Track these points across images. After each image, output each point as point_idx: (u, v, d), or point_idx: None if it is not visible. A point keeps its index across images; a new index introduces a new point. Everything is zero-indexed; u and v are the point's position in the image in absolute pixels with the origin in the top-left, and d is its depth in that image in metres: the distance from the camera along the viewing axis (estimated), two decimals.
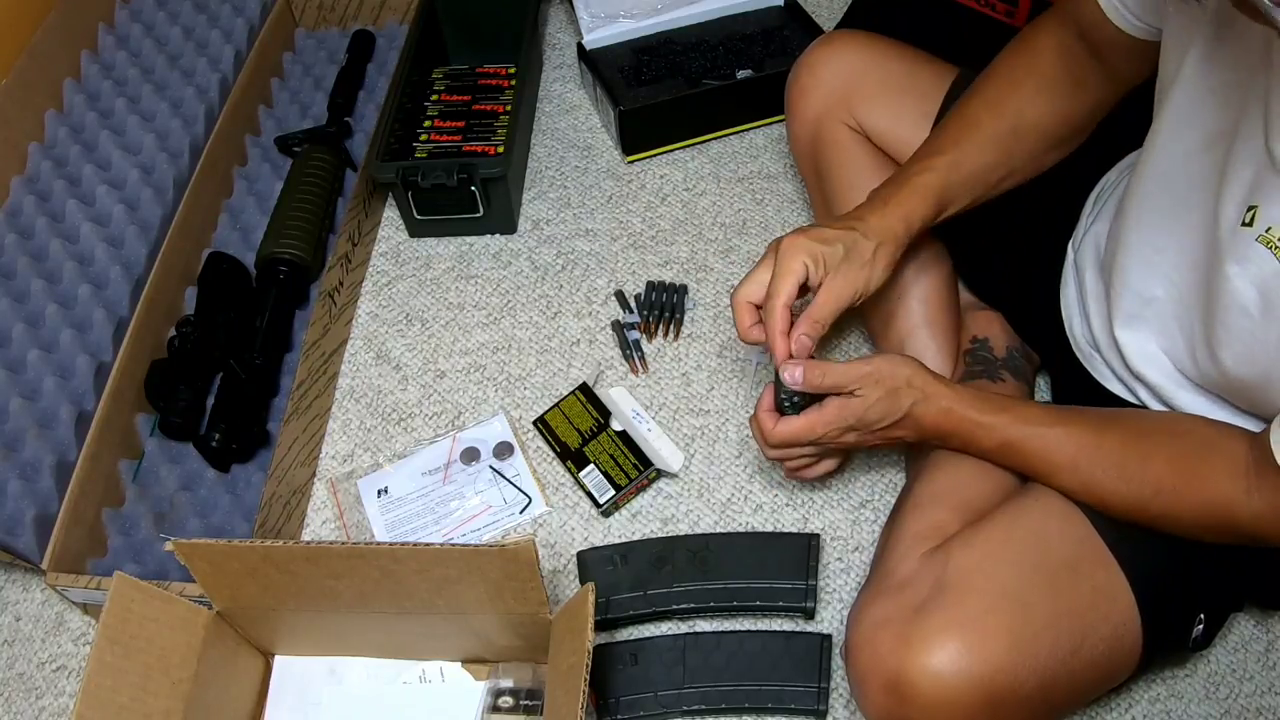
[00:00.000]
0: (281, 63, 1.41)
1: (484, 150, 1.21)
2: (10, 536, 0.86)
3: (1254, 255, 0.61)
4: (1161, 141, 0.70)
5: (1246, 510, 0.65)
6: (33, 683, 0.93)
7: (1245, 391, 0.68)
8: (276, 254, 1.14)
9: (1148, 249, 0.73)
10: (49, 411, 0.94)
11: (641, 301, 1.14)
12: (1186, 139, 0.68)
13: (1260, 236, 0.60)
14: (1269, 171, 0.60)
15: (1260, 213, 0.61)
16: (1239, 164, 0.63)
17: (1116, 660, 0.71)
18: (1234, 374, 0.67)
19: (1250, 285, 0.62)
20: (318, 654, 0.88)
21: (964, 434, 0.77)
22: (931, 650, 0.66)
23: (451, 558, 0.71)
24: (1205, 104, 0.66)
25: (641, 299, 1.14)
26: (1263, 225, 0.61)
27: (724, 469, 1.02)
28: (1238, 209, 0.63)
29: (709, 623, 0.92)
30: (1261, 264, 0.61)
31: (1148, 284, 0.73)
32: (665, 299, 1.13)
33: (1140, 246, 0.73)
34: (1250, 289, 0.62)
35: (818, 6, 1.45)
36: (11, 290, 1.00)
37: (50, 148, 1.11)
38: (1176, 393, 0.74)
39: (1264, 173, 0.61)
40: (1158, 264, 0.72)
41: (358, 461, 1.05)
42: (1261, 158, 0.61)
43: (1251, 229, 0.61)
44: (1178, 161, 0.69)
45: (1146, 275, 0.73)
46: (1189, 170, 0.68)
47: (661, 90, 1.28)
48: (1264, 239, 0.60)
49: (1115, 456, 0.70)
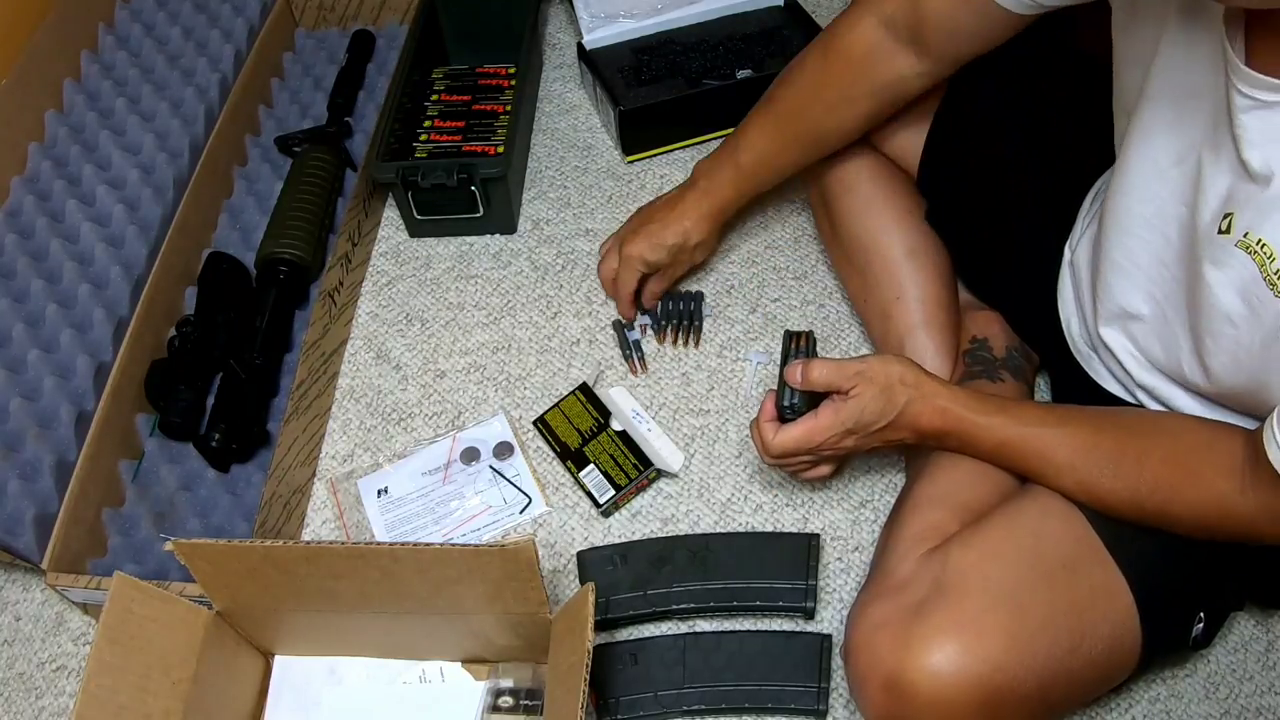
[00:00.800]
0: (281, 63, 1.41)
1: (484, 150, 1.21)
2: (10, 536, 0.86)
3: (1234, 261, 0.61)
4: (1132, 159, 0.71)
5: (1242, 509, 0.65)
6: (33, 683, 0.93)
7: (1237, 398, 0.68)
8: (276, 254, 1.14)
9: (1128, 264, 0.73)
10: (49, 411, 0.94)
11: (659, 313, 1.13)
12: (1156, 156, 0.69)
13: (1239, 242, 0.61)
14: (1244, 181, 0.61)
15: (1236, 219, 0.61)
16: (1212, 175, 0.63)
17: (1116, 659, 0.72)
18: (1224, 382, 0.67)
19: (1232, 292, 0.62)
20: (318, 654, 0.88)
21: (961, 434, 0.77)
22: (930, 650, 0.66)
23: (451, 558, 0.71)
24: (1170, 119, 0.67)
25: (658, 310, 1.13)
26: (1240, 231, 0.61)
27: (724, 469, 1.02)
28: (1214, 217, 0.63)
29: (709, 623, 0.92)
30: (1242, 269, 0.61)
31: (1131, 299, 0.74)
32: (683, 307, 1.13)
33: (1121, 261, 0.74)
34: (1233, 296, 0.62)
35: (818, 6, 1.45)
36: (11, 290, 1.00)
37: (50, 148, 1.11)
38: (1173, 393, 0.74)
39: (1239, 182, 0.61)
40: (1139, 279, 0.73)
41: (358, 461, 1.05)
42: (1235, 168, 0.61)
43: (1229, 235, 0.62)
44: (1150, 178, 0.70)
45: (1130, 290, 0.74)
46: (1161, 184, 0.69)
47: (661, 90, 1.28)
48: (1243, 244, 0.60)
49: (1111, 456, 0.70)
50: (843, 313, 1.14)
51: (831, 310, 1.14)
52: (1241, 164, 0.60)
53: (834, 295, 1.15)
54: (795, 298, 1.15)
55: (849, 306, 1.13)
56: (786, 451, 0.80)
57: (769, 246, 1.21)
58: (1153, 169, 0.69)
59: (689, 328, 1.12)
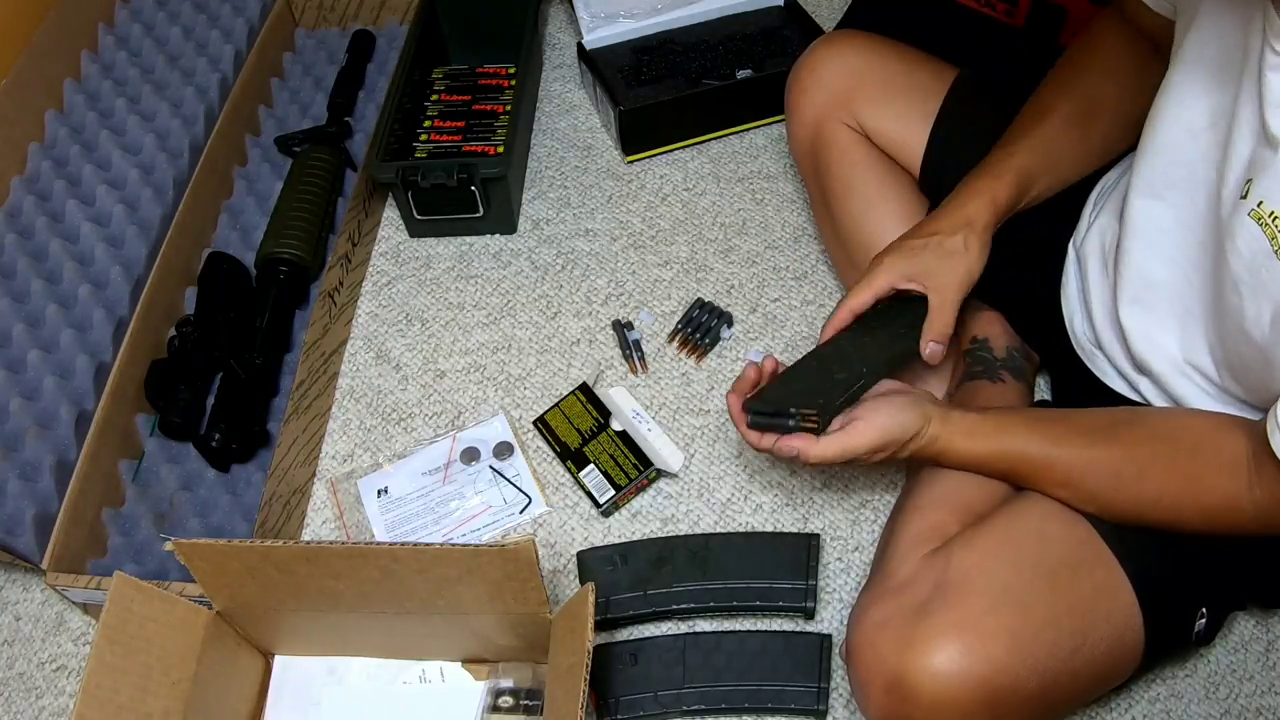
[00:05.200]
0: (281, 63, 1.41)
1: (484, 150, 1.21)
2: (10, 536, 0.86)
3: (1243, 230, 0.61)
4: (1164, 120, 0.70)
5: (1250, 504, 0.65)
6: (33, 683, 0.93)
7: (1245, 375, 0.68)
8: (276, 254, 1.14)
9: (1152, 229, 0.73)
10: (49, 411, 0.94)
11: (684, 316, 1.12)
12: (1189, 117, 0.68)
13: (1252, 211, 0.60)
14: (1263, 146, 0.60)
15: (1254, 186, 0.60)
16: (1239, 138, 0.62)
17: (1118, 658, 0.72)
18: (1235, 356, 0.66)
19: (1243, 263, 0.62)
20: (318, 654, 0.88)
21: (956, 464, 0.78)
22: (932, 651, 0.66)
23: (451, 558, 0.71)
24: (1204, 80, 0.66)
25: (685, 314, 1.12)
26: (1254, 199, 0.60)
27: (724, 469, 1.02)
28: (1238, 184, 0.62)
29: (709, 623, 0.92)
30: (1250, 240, 0.60)
31: (1152, 266, 0.73)
32: (707, 321, 1.12)
33: (1145, 227, 0.73)
34: (1243, 267, 0.62)
35: (818, 6, 1.45)
36: (11, 290, 1.00)
37: (50, 148, 1.11)
38: (1179, 382, 0.74)
39: (1259, 148, 0.60)
40: (1161, 245, 0.72)
41: (358, 461, 1.05)
42: (1257, 131, 0.60)
43: (1246, 202, 0.61)
44: (1181, 139, 0.69)
45: (1151, 257, 0.73)
46: (1193, 148, 0.68)
47: (661, 90, 1.28)
48: (1255, 214, 0.60)
49: (1110, 470, 0.70)
50: None
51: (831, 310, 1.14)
52: (1263, 126, 0.59)
53: (834, 295, 1.15)
54: (795, 298, 1.15)
55: None
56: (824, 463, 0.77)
57: (769, 246, 1.21)
58: (1185, 131, 0.68)
59: (701, 343, 1.11)
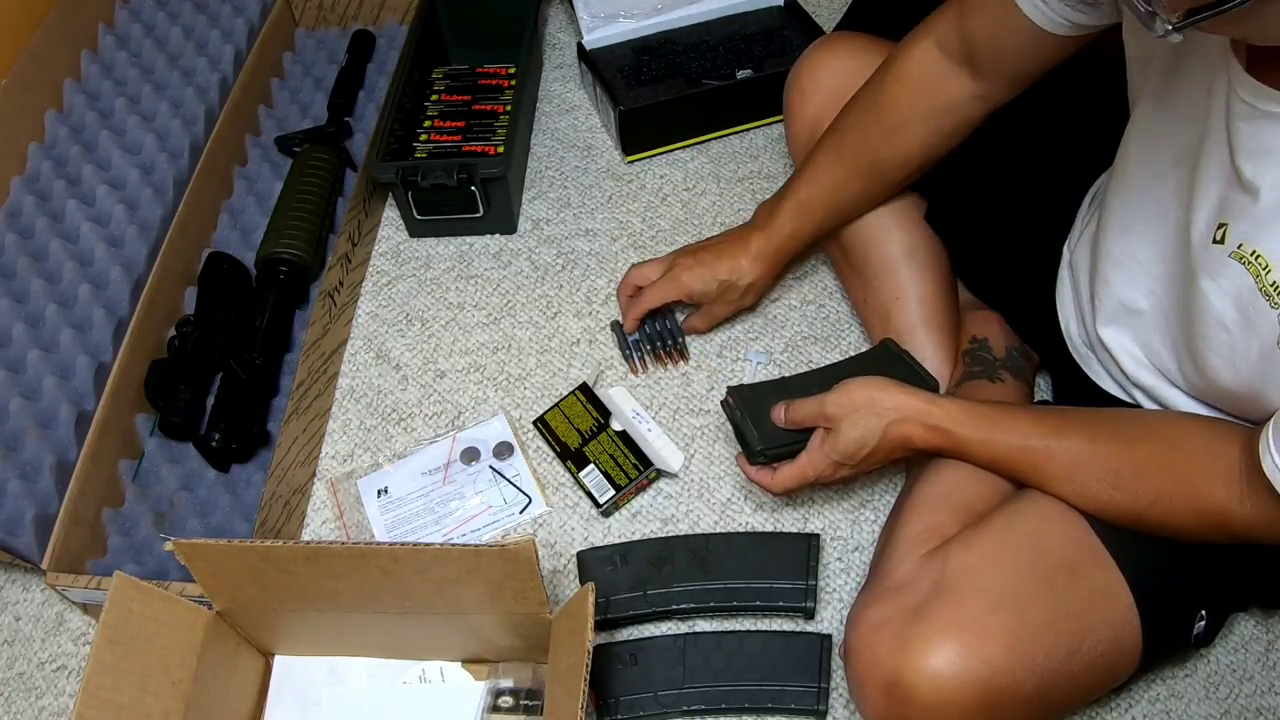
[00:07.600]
0: (281, 63, 1.41)
1: (484, 150, 1.21)
2: (10, 536, 0.86)
3: (1228, 272, 0.61)
4: (1133, 156, 0.71)
5: (1240, 517, 0.65)
6: (33, 683, 0.93)
7: (1233, 401, 0.68)
8: (276, 254, 1.14)
9: (1127, 259, 0.73)
10: (49, 411, 0.94)
11: (638, 343, 1.10)
12: (1156, 155, 0.69)
13: (1233, 253, 0.61)
14: (1236, 190, 0.61)
15: (1230, 230, 0.61)
16: (1206, 181, 0.63)
17: (1116, 660, 0.72)
18: (1220, 385, 0.67)
19: (1227, 301, 0.62)
20: (318, 654, 0.88)
21: (954, 449, 0.77)
22: (930, 652, 0.66)
23: (451, 558, 0.71)
24: (1171, 120, 0.67)
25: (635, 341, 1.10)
26: (1234, 242, 0.61)
27: (724, 469, 1.02)
28: (1208, 226, 0.63)
29: (709, 623, 0.92)
30: (1236, 280, 0.61)
31: (1131, 295, 0.74)
32: (659, 328, 1.10)
33: (1121, 257, 0.74)
34: (1228, 305, 0.62)
35: (818, 6, 1.45)
36: (11, 290, 1.00)
37: (50, 148, 1.11)
38: (1170, 393, 0.74)
39: (1231, 191, 0.61)
40: (1139, 275, 0.73)
41: (358, 461, 1.05)
42: (1229, 175, 0.61)
43: (1223, 246, 0.62)
44: (1149, 177, 0.70)
45: (1129, 286, 0.74)
46: (1161, 185, 0.69)
47: (661, 90, 1.28)
48: (1236, 255, 0.60)
49: (1109, 469, 0.70)
50: (843, 313, 1.14)
51: (831, 310, 1.14)
52: (1235, 172, 0.60)
53: (834, 295, 1.15)
54: (795, 298, 1.15)
55: (849, 306, 1.13)
56: (790, 490, 0.85)
57: None
58: (1152, 169, 0.69)
59: (671, 347, 1.10)
